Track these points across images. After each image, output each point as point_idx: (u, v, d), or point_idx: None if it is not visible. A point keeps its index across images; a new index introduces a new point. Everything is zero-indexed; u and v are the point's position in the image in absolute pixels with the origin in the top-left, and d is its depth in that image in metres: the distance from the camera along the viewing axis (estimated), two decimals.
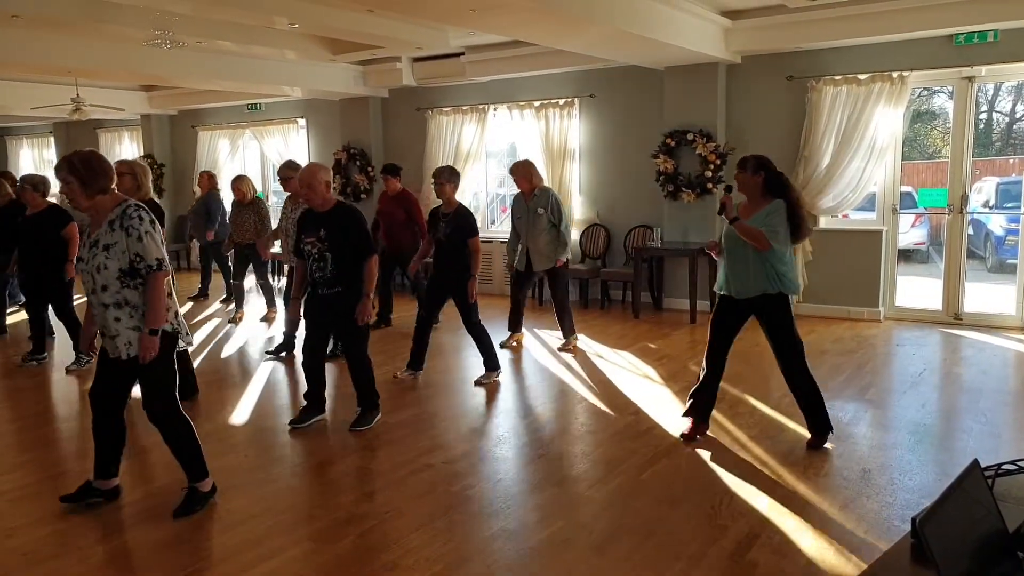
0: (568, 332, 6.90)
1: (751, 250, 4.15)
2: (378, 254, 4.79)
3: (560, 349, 6.88)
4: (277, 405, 5.51)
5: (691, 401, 4.58)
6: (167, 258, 3.52)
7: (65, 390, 6.03)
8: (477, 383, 5.84)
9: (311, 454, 4.52)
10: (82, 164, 3.42)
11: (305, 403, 4.95)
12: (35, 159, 15.85)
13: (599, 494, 3.88)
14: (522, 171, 6.67)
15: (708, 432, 4.64)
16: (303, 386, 5.03)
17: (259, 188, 11.57)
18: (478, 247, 5.74)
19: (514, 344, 7.06)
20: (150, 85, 11.91)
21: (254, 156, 12.75)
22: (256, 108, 12.17)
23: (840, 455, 4.32)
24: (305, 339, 4.93)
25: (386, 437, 4.72)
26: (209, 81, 9.75)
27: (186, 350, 4.88)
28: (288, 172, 6.43)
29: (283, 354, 6.71)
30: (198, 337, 7.63)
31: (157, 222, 3.55)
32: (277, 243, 7.83)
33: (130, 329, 3.46)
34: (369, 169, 10.75)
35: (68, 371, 6.37)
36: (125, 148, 14.10)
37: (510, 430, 4.92)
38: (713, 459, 4.29)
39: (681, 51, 7.37)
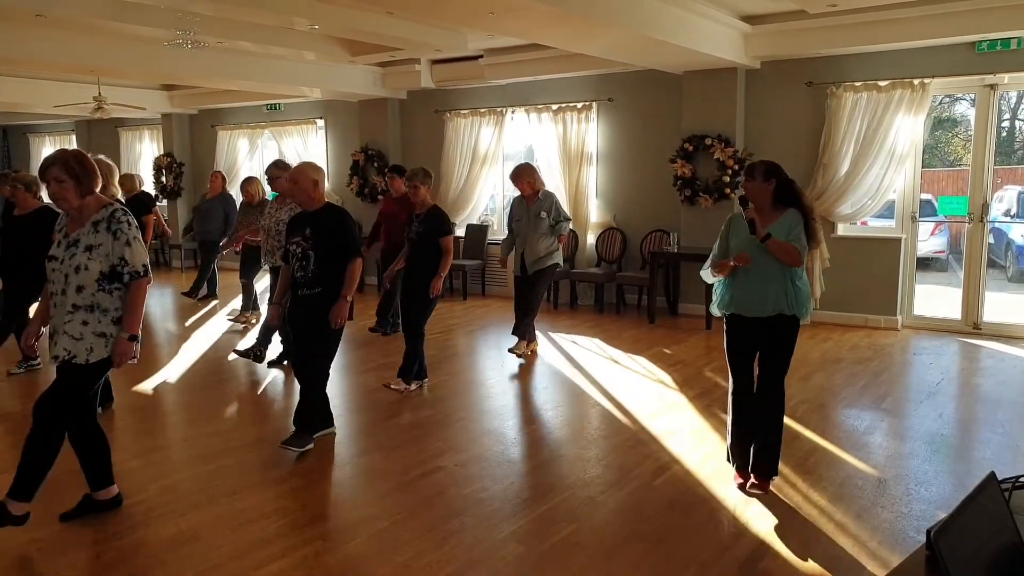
0: (530, 337, 6.78)
1: (777, 266, 3.77)
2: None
3: (510, 350, 6.67)
4: (291, 406, 5.52)
5: (732, 451, 4.07)
6: (150, 266, 3.42)
7: None
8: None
9: (323, 455, 4.53)
10: (77, 164, 3.31)
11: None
12: None
13: (611, 499, 3.87)
14: (525, 174, 6.61)
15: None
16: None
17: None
18: (450, 247, 5.62)
19: (528, 353, 6.80)
20: (171, 85, 12.04)
21: (272, 156, 12.80)
22: (275, 108, 12.27)
23: (855, 464, 4.29)
24: (294, 350, 4.83)
25: (399, 439, 4.74)
26: (229, 81, 9.84)
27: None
28: (276, 172, 6.35)
29: (284, 363, 6.39)
30: (207, 335, 7.69)
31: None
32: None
33: (95, 335, 3.31)
34: (386, 171, 10.77)
35: (10, 374, 6.07)
36: (146, 147, 14.28)
37: (522, 433, 4.92)
38: (726, 466, 4.27)
39: (700, 56, 7.35)
